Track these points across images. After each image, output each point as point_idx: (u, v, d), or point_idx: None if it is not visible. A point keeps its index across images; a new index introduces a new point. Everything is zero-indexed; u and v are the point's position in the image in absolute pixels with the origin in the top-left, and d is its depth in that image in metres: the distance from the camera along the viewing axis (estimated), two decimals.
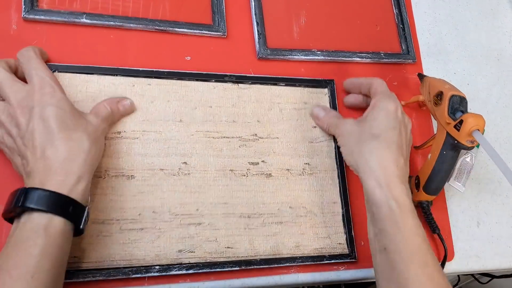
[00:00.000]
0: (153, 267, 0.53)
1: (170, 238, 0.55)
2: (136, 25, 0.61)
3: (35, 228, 0.42)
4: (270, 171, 0.61)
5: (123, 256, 0.52)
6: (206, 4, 0.65)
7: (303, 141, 0.64)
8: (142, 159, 0.56)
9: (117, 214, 0.54)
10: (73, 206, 0.45)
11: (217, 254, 0.56)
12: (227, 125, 0.61)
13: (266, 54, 0.66)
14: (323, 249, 0.60)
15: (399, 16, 0.76)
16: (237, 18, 0.67)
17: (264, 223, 0.59)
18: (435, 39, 0.79)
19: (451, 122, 0.57)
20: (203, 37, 0.64)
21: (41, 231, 0.42)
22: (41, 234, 0.42)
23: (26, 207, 0.43)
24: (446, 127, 0.58)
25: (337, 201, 0.63)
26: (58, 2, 0.59)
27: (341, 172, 0.64)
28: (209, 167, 0.59)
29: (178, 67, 0.61)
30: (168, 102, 0.59)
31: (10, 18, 0.57)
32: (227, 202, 0.58)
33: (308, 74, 0.68)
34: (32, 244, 0.41)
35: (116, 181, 0.54)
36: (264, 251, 0.58)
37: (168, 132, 0.58)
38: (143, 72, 0.59)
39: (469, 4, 0.85)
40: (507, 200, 0.73)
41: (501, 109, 0.79)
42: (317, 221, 0.61)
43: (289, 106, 0.65)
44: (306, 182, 0.62)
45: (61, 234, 0.43)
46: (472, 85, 0.79)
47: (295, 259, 0.58)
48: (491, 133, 0.77)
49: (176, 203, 0.56)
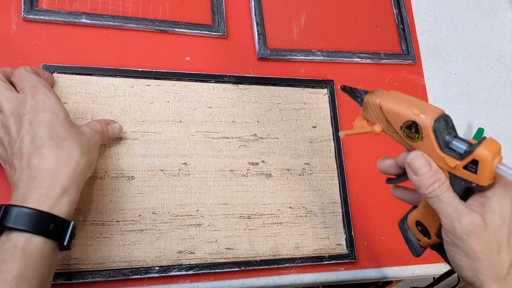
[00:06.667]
0: (153, 268, 0.53)
1: (170, 239, 0.55)
2: (135, 25, 0.61)
3: (11, 250, 0.40)
4: (270, 171, 0.61)
5: (123, 257, 0.52)
6: (206, 4, 0.65)
7: (303, 141, 0.64)
8: (142, 160, 0.56)
9: (117, 215, 0.53)
10: (54, 223, 0.42)
11: (217, 255, 0.56)
12: (226, 126, 0.61)
13: (266, 54, 0.66)
14: (323, 249, 0.60)
15: (399, 16, 0.76)
16: (237, 18, 0.67)
17: (264, 223, 0.59)
18: (435, 40, 0.79)
19: (457, 163, 0.41)
20: (203, 37, 0.64)
21: (17, 253, 0.40)
22: (17, 257, 0.40)
23: (4, 226, 0.41)
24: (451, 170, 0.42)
25: (337, 201, 0.63)
26: (58, 2, 0.59)
27: (341, 172, 0.64)
28: (209, 167, 0.59)
29: (177, 67, 0.61)
30: (168, 103, 0.59)
31: (10, 18, 0.57)
32: (227, 202, 0.58)
33: (308, 75, 0.68)
34: (7, 268, 0.39)
35: (116, 182, 0.54)
36: (264, 251, 0.58)
37: (168, 132, 0.58)
38: (143, 72, 0.59)
39: (469, 4, 0.84)
40: None
41: (501, 109, 0.79)
42: (317, 221, 0.61)
43: (288, 106, 0.65)
44: (306, 182, 0.62)
45: (40, 254, 0.41)
46: (472, 85, 0.79)
47: (295, 260, 0.58)
48: (491, 133, 0.77)
49: (176, 204, 0.56)
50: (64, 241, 0.43)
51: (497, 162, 0.39)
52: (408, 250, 0.51)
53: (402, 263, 0.64)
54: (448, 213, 0.41)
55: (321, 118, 0.66)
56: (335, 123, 0.66)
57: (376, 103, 0.44)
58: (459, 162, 0.40)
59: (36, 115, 0.45)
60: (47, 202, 0.42)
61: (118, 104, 0.57)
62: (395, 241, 0.60)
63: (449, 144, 0.41)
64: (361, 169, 0.66)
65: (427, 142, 0.42)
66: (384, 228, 0.64)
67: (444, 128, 0.41)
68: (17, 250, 0.40)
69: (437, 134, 0.41)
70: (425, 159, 0.42)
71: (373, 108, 0.44)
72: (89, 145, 0.48)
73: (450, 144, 0.41)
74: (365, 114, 0.46)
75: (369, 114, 0.45)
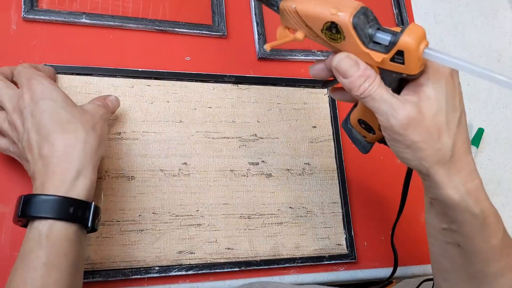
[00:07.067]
0: (153, 268, 0.53)
1: (170, 239, 0.55)
2: (136, 25, 0.61)
3: (36, 238, 0.41)
4: (270, 171, 0.61)
5: (123, 257, 0.52)
6: (206, 4, 0.65)
7: (303, 141, 0.64)
8: (142, 160, 0.56)
9: (117, 215, 0.53)
10: (73, 206, 0.42)
11: (217, 255, 0.56)
12: (227, 126, 0.61)
13: (266, 54, 0.66)
14: (323, 249, 0.60)
15: (399, 17, 0.76)
16: (237, 18, 0.67)
17: (264, 223, 0.59)
18: (435, 40, 0.79)
19: (383, 57, 0.39)
20: (203, 37, 0.64)
21: (43, 240, 0.41)
22: (43, 244, 0.41)
23: (27, 216, 0.42)
24: (379, 65, 0.40)
25: (337, 201, 0.63)
26: (58, 2, 0.59)
27: (341, 172, 0.64)
28: (209, 167, 0.59)
29: (177, 67, 0.61)
30: (168, 103, 0.59)
31: (10, 18, 0.57)
32: (227, 202, 0.58)
33: (308, 75, 0.67)
34: (34, 257, 0.40)
35: (116, 182, 0.54)
36: (264, 252, 0.58)
37: (168, 132, 0.58)
38: (143, 72, 0.59)
39: (469, 4, 0.84)
40: (506, 200, 0.73)
41: (501, 109, 0.79)
42: (317, 221, 0.61)
43: (288, 106, 0.65)
44: (306, 182, 0.62)
45: (65, 240, 0.42)
46: (472, 85, 0.79)
47: (295, 260, 0.58)
48: (491, 133, 0.77)
49: (176, 204, 0.56)
50: (88, 223, 0.44)
51: (423, 47, 0.38)
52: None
53: (402, 263, 0.64)
54: (383, 111, 0.40)
55: (321, 118, 0.66)
56: (335, 123, 0.66)
57: (292, 8, 0.41)
58: (385, 56, 0.39)
59: (36, 105, 0.45)
60: (64, 187, 0.42)
61: None
62: (396, 242, 0.60)
63: (373, 37, 0.39)
64: (361, 169, 0.66)
65: (350, 41, 0.40)
66: (384, 228, 0.64)
67: (364, 22, 0.39)
68: (41, 238, 0.41)
69: (358, 30, 0.39)
70: (352, 60, 0.41)
71: (290, 14, 0.42)
72: (94, 122, 0.47)
73: (374, 37, 0.39)
74: (285, 22, 0.44)
75: (288, 21, 0.43)
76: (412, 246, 0.65)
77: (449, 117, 0.41)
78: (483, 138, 0.76)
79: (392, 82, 0.41)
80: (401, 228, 0.65)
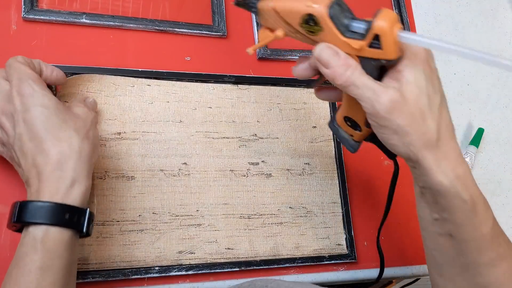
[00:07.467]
0: (153, 268, 0.53)
1: (170, 239, 0.55)
2: (136, 25, 0.61)
3: (31, 243, 0.41)
4: (270, 171, 0.61)
5: (123, 257, 0.52)
6: (206, 4, 0.65)
7: (303, 141, 0.64)
8: (142, 160, 0.56)
9: (117, 215, 0.53)
10: (69, 212, 0.43)
11: (217, 255, 0.56)
12: (226, 126, 0.61)
13: (266, 54, 0.66)
14: (323, 249, 0.60)
15: (399, 16, 0.76)
16: (237, 18, 0.67)
17: (264, 223, 0.59)
18: None
19: (361, 44, 0.41)
20: (203, 37, 0.64)
21: (38, 245, 0.41)
22: (38, 248, 0.41)
23: (23, 222, 0.42)
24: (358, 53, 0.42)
25: (337, 201, 0.63)
26: (58, 2, 0.59)
27: (341, 172, 0.64)
28: (209, 167, 0.59)
29: (177, 67, 0.61)
30: (168, 103, 0.59)
31: (10, 18, 0.57)
32: (227, 202, 0.58)
33: None
34: (29, 261, 0.41)
35: (116, 182, 0.54)
36: (264, 251, 0.58)
37: (168, 132, 0.58)
38: (143, 72, 0.59)
39: (469, 4, 0.84)
40: (506, 201, 0.73)
41: (501, 109, 0.79)
42: (317, 221, 0.61)
43: (288, 106, 0.65)
44: (306, 182, 0.62)
45: (60, 244, 0.42)
46: (472, 85, 0.79)
47: (295, 260, 0.58)
48: (491, 133, 0.77)
49: (176, 204, 0.56)
50: (83, 228, 0.44)
51: (396, 30, 0.40)
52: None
53: (402, 263, 0.64)
54: (367, 97, 0.41)
55: (321, 118, 0.66)
56: None
57: (269, 7, 0.43)
58: (363, 42, 0.40)
59: (27, 111, 0.44)
60: (59, 194, 0.43)
61: (118, 103, 0.57)
62: (396, 241, 0.60)
63: (349, 27, 0.41)
64: (361, 169, 0.66)
65: (328, 31, 0.41)
66: (384, 228, 0.64)
67: (340, 12, 0.41)
68: (36, 243, 0.41)
69: (334, 20, 0.41)
70: (332, 50, 0.42)
71: (268, 13, 0.44)
72: (87, 128, 0.47)
73: (350, 26, 0.41)
74: (265, 23, 0.45)
75: (267, 21, 0.45)
76: (412, 246, 0.65)
77: (431, 100, 0.42)
78: (483, 138, 0.76)
79: (373, 70, 0.42)
80: (401, 227, 0.65)
